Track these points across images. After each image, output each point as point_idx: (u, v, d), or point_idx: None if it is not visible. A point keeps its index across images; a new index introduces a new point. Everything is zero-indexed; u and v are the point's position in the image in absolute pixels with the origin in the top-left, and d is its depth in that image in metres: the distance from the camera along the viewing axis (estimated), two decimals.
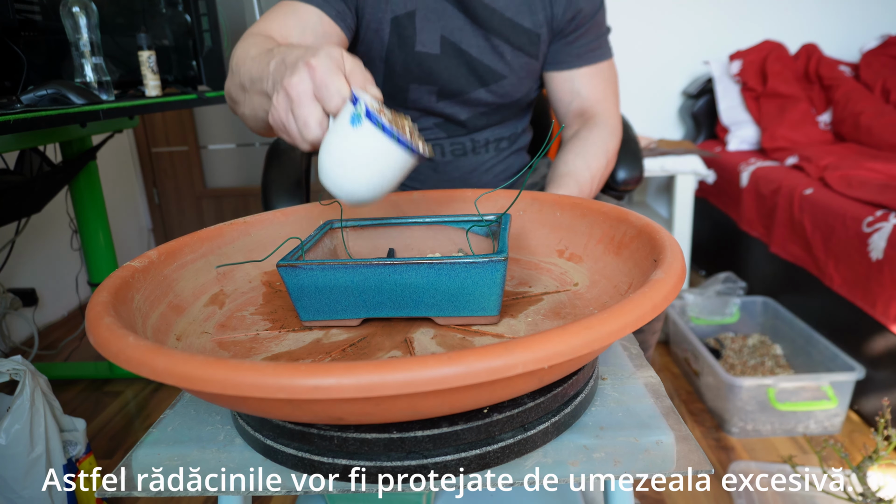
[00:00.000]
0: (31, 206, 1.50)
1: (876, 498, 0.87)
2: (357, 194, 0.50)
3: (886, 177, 1.60)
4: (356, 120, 0.48)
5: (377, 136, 0.48)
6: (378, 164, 0.49)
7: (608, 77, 0.95)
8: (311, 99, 0.49)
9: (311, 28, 0.79)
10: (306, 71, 0.49)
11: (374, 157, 0.49)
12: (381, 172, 0.49)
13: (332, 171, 0.50)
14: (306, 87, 0.49)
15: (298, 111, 0.49)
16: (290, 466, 0.42)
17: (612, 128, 0.92)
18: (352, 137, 0.48)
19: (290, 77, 0.50)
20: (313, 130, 0.49)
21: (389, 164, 0.49)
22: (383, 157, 0.49)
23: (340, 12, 0.81)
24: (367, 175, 0.49)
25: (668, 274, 0.40)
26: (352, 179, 0.49)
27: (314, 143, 0.50)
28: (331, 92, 0.49)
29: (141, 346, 0.35)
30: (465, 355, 0.31)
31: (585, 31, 0.92)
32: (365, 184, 0.50)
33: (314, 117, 0.49)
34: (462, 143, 0.98)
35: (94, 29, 1.18)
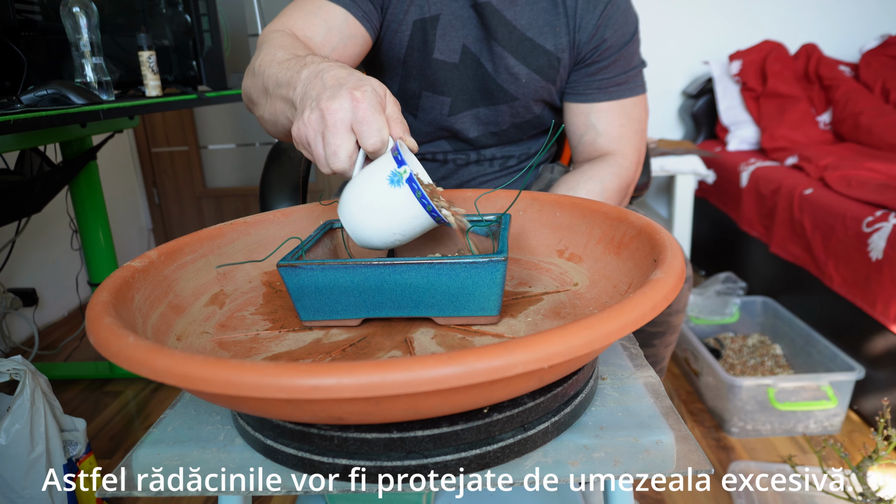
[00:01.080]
0: (31, 206, 1.50)
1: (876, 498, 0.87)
2: (372, 243, 0.52)
3: (886, 177, 1.60)
4: (396, 181, 0.49)
5: (412, 204, 0.50)
6: (404, 225, 0.51)
7: (631, 115, 0.88)
8: (347, 130, 0.49)
9: (337, 28, 0.77)
10: (349, 101, 0.49)
11: (404, 218, 0.51)
12: (402, 232, 0.52)
13: (358, 216, 0.51)
14: (345, 115, 0.49)
15: (332, 138, 0.49)
16: (290, 466, 0.42)
17: (620, 167, 0.85)
18: (387, 195, 0.49)
19: (331, 101, 0.49)
20: (342, 161, 0.49)
21: (413, 227, 0.52)
22: (412, 221, 0.51)
23: (367, 13, 0.79)
24: (390, 231, 0.51)
25: (668, 274, 0.41)
26: (374, 230, 0.51)
27: (340, 172, 0.50)
28: (371, 130, 0.49)
29: (141, 346, 0.35)
30: (465, 355, 0.31)
31: (610, 64, 0.86)
32: (384, 237, 0.52)
33: (346, 149, 0.49)
34: (467, 155, 0.96)
35: (95, 29, 1.18)
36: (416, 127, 0.93)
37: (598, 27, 0.84)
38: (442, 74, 0.87)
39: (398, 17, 0.83)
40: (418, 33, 0.84)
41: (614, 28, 0.84)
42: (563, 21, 0.84)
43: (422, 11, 0.83)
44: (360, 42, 0.80)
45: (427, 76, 0.87)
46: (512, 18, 0.83)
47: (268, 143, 2.76)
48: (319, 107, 0.50)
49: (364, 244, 0.53)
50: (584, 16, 0.84)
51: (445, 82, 0.88)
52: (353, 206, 0.51)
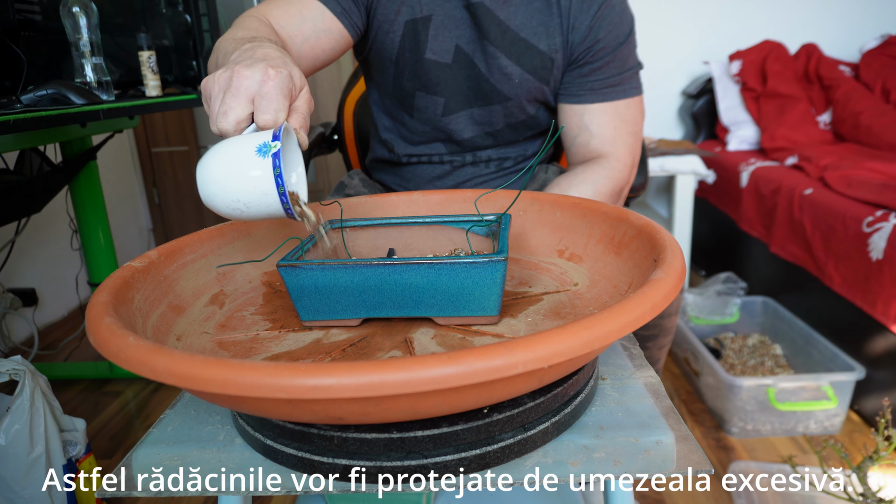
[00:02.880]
0: (31, 206, 1.50)
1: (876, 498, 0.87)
2: (214, 202, 0.51)
3: (886, 177, 1.60)
4: (263, 152, 0.48)
5: (267, 180, 0.48)
6: (250, 198, 0.49)
7: (626, 117, 0.87)
8: (248, 99, 0.50)
9: (311, 20, 0.78)
10: (262, 73, 0.49)
11: (253, 190, 0.49)
12: (246, 203, 0.50)
13: (213, 169, 0.49)
14: (251, 84, 0.49)
15: (230, 99, 0.49)
16: (290, 466, 0.42)
17: (613, 170, 0.84)
18: (248, 160, 0.48)
19: (245, 68, 0.50)
20: (230, 123, 0.49)
21: (259, 205, 0.50)
22: (260, 197, 0.49)
23: (346, 10, 0.80)
24: (234, 197, 0.49)
25: (668, 274, 0.40)
26: (221, 189, 0.49)
27: (222, 133, 0.50)
28: (269, 107, 0.49)
29: (141, 346, 0.35)
30: (465, 355, 0.31)
31: (604, 65, 0.85)
32: (227, 201, 0.50)
33: (237, 113, 0.49)
34: (462, 157, 0.96)
35: (94, 29, 1.18)
36: (412, 126, 0.93)
37: (592, 28, 0.83)
38: (435, 74, 0.87)
39: (389, 17, 0.83)
40: (409, 34, 0.84)
41: (608, 29, 0.84)
42: (557, 21, 0.84)
43: (413, 12, 0.83)
44: (335, 37, 0.80)
45: (420, 76, 0.87)
46: (505, 19, 0.83)
47: None
48: (233, 69, 0.50)
49: (207, 200, 0.51)
50: (578, 16, 0.83)
51: (438, 82, 0.88)
52: (213, 158, 0.50)
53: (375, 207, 0.72)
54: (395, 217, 0.64)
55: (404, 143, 0.96)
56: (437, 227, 0.63)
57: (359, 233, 0.64)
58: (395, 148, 0.97)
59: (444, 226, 0.63)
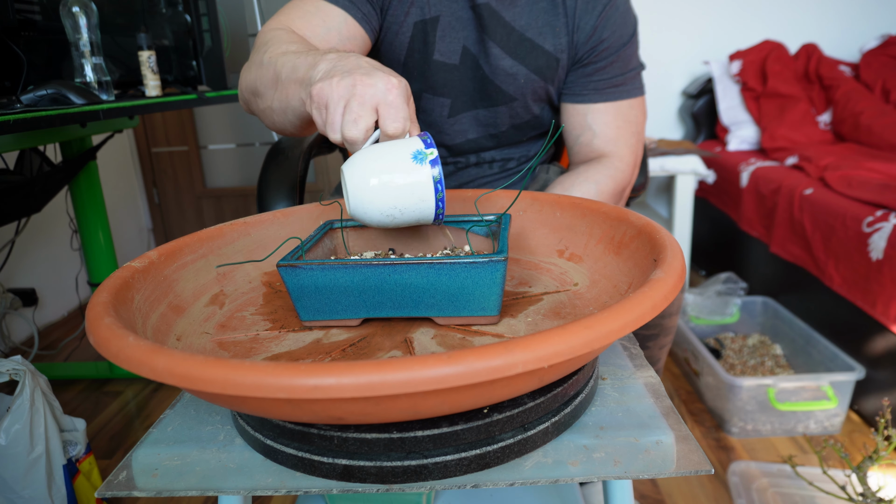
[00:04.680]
0: (31, 206, 1.50)
1: (876, 498, 0.87)
2: (367, 211, 0.51)
3: (886, 177, 1.60)
4: (420, 159, 0.49)
5: (427, 185, 0.49)
6: (407, 204, 0.50)
7: (628, 117, 0.88)
8: (373, 107, 0.50)
9: (336, 29, 0.77)
10: (384, 82, 0.50)
11: (412, 197, 0.49)
12: (401, 211, 0.50)
13: (368, 177, 0.49)
14: (376, 93, 0.49)
15: (357, 107, 0.49)
16: (290, 466, 0.41)
17: (615, 170, 0.85)
18: (406, 167, 0.49)
19: (366, 77, 0.50)
20: (359, 131, 0.49)
21: (413, 212, 0.51)
22: (417, 203, 0.50)
23: (366, 14, 0.79)
24: (391, 205, 0.50)
25: (668, 273, 0.40)
26: (377, 197, 0.50)
27: (350, 141, 0.50)
28: (398, 116, 0.50)
29: (141, 346, 0.35)
30: (465, 355, 0.31)
31: (608, 65, 0.85)
32: (381, 209, 0.50)
33: (366, 121, 0.50)
34: (466, 157, 0.96)
35: (94, 29, 1.18)
36: None
37: (597, 28, 0.84)
38: (442, 76, 0.87)
39: (398, 18, 0.83)
40: (419, 35, 0.84)
41: (612, 29, 0.84)
42: (563, 21, 0.84)
43: (422, 13, 0.83)
44: (359, 44, 0.79)
45: (427, 77, 0.87)
46: (511, 19, 0.83)
47: (267, 143, 2.76)
48: (353, 77, 0.50)
49: (357, 210, 0.51)
50: (583, 16, 0.83)
51: (445, 83, 0.87)
52: (368, 166, 0.49)
53: None
54: None
55: None
56: (437, 227, 0.63)
57: (359, 232, 0.64)
58: None
59: (444, 226, 0.63)
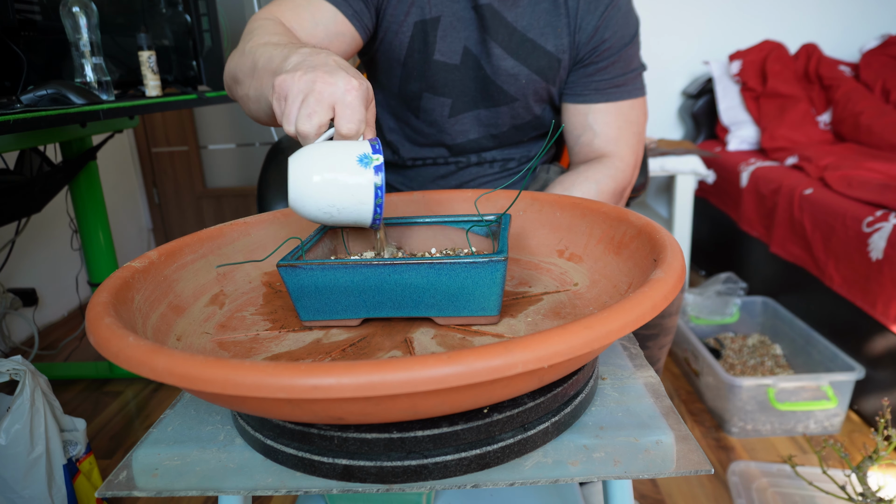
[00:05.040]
0: (31, 206, 1.50)
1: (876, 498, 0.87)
2: (305, 205, 0.51)
3: (886, 177, 1.60)
4: (365, 163, 0.49)
5: (367, 190, 0.49)
6: (345, 204, 0.50)
7: (629, 118, 0.88)
8: (330, 105, 0.50)
9: (324, 24, 0.77)
10: (345, 83, 0.50)
11: (351, 198, 0.50)
12: (339, 210, 0.51)
13: (311, 172, 0.50)
14: (335, 92, 0.50)
15: (313, 103, 0.50)
16: (290, 466, 0.42)
17: (616, 170, 0.85)
18: (350, 169, 0.49)
19: (328, 75, 0.50)
20: (312, 126, 0.50)
21: (350, 213, 0.51)
22: (356, 206, 0.50)
23: (357, 12, 0.79)
24: (329, 203, 0.50)
25: (668, 273, 0.40)
26: (317, 193, 0.50)
27: (302, 135, 0.51)
28: (353, 117, 0.50)
29: (141, 346, 0.35)
30: (465, 355, 0.31)
31: (609, 65, 0.85)
32: (319, 205, 0.50)
33: (320, 118, 0.50)
34: (467, 157, 0.96)
35: (94, 29, 1.18)
36: (418, 128, 0.93)
37: (598, 28, 0.83)
38: (442, 76, 0.87)
39: (398, 18, 0.83)
40: (419, 35, 0.84)
41: (614, 29, 0.84)
42: (565, 22, 0.84)
43: (422, 13, 0.83)
44: (347, 41, 0.80)
45: (427, 77, 0.87)
46: (513, 20, 0.83)
47: (267, 143, 2.76)
48: (315, 73, 0.50)
49: (296, 202, 0.51)
50: (585, 17, 0.83)
51: (446, 84, 0.87)
52: (311, 162, 0.50)
53: None
54: (395, 217, 0.64)
55: (409, 145, 0.96)
56: (437, 227, 0.63)
57: (359, 233, 0.64)
58: (400, 150, 0.97)
59: (444, 226, 0.63)
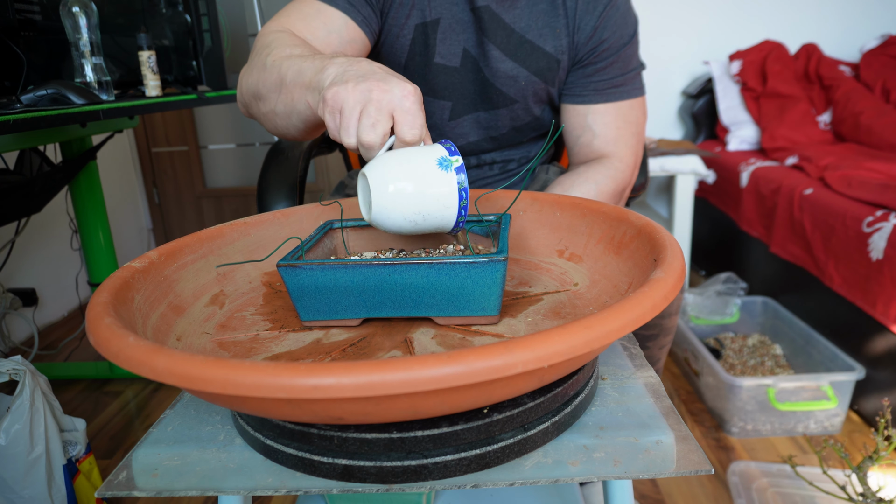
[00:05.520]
0: (31, 206, 1.50)
1: (876, 498, 0.87)
2: (389, 216, 0.50)
3: (886, 177, 1.60)
4: (445, 166, 0.49)
5: (451, 193, 0.49)
6: (430, 210, 0.49)
7: (629, 118, 0.88)
8: (389, 112, 0.50)
9: (337, 31, 0.76)
10: (401, 89, 0.49)
11: (435, 203, 0.49)
12: (423, 217, 0.50)
13: (393, 181, 0.48)
14: (393, 99, 0.49)
15: (374, 112, 0.49)
16: (290, 466, 0.41)
17: (615, 170, 0.85)
18: (431, 173, 0.49)
19: (382, 83, 0.49)
20: (377, 136, 0.49)
21: (434, 219, 0.50)
22: (440, 211, 0.49)
23: (366, 17, 0.79)
24: (414, 210, 0.49)
25: (668, 273, 0.40)
26: (401, 202, 0.49)
27: (367, 146, 0.50)
28: (415, 123, 0.50)
29: (141, 346, 0.35)
30: (465, 355, 0.31)
31: (608, 66, 0.85)
32: (404, 214, 0.49)
33: (383, 127, 0.49)
34: (467, 159, 0.95)
35: (94, 29, 1.18)
36: None
37: (597, 28, 0.83)
38: (442, 79, 0.86)
39: (399, 21, 0.83)
40: (419, 37, 0.84)
41: (613, 29, 0.84)
42: (563, 22, 0.84)
43: (423, 16, 0.83)
44: (359, 46, 0.79)
45: (428, 80, 0.87)
46: (511, 21, 0.83)
47: (268, 143, 2.76)
48: (368, 82, 0.49)
49: (380, 214, 0.50)
50: (584, 17, 0.83)
51: (446, 86, 0.87)
52: (393, 172, 0.49)
53: None
54: None
55: None
56: None
57: (359, 233, 0.64)
58: None
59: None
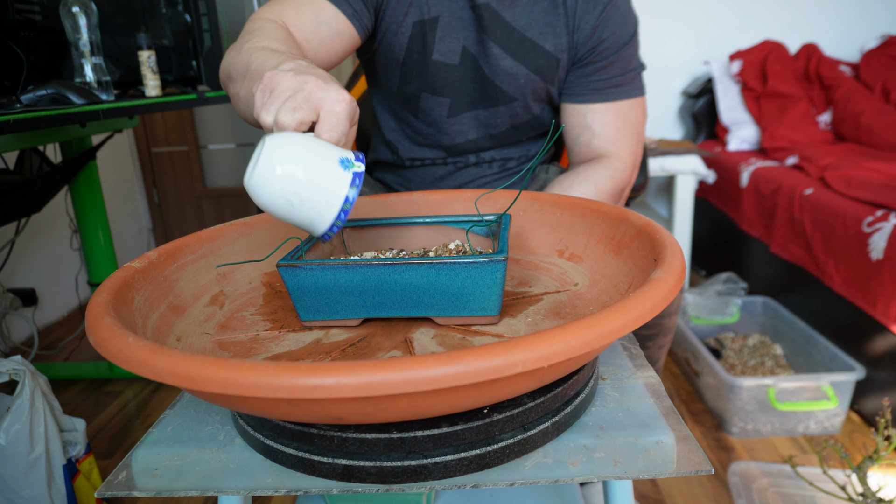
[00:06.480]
0: (31, 206, 1.50)
1: (876, 498, 0.87)
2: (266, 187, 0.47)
3: (886, 177, 1.60)
4: (346, 166, 0.48)
5: (339, 193, 0.47)
6: (311, 200, 0.47)
7: (628, 118, 0.87)
8: (316, 108, 0.49)
9: (327, 23, 0.78)
10: (337, 93, 0.49)
11: (319, 196, 0.47)
12: (300, 202, 0.47)
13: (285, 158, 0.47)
14: (324, 98, 0.49)
15: (301, 100, 0.49)
16: (290, 466, 0.41)
17: (615, 170, 0.85)
18: (328, 166, 0.47)
19: (320, 82, 0.49)
20: (293, 120, 0.49)
21: (311, 209, 0.48)
22: (321, 205, 0.47)
23: (358, 11, 0.80)
24: (294, 191, 0.47)
25: (668, 273, 0.40)
26: (286, 179, 0.47)
27: (280, 126, 0.49)
28: (338, 127, 0.49)
29: (141, 346, 0.35)
30: (465, 355, 0.31)
31: (608, 65, 0.85)
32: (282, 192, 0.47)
33: (304, 115, 0.49)
34: (466, 157, 0.96)
35: (94, 29, 1.18)
36: (417, 127, 0.93)
37: (597, 28, 0.84)
38: (441, 76, 0.87)
39: (397, 18, 0.83)
40: (418, 35, 0.84)
41: (613, 29, 0.84)
42: (563, 21, 0.84)
43: (421, 13, 0.83)
44: (347, 40, 0.80)
45: (426, 78, 0.87)
46: (511, 20, 0.83)
47: None
48: (309, 77, 0.50)
49: (259, 180, 0.47)
50: (584, 16, 0.84)
51: (445, 84, 0.87)
52: (293, 144, 0.47)
53: (375, 208, 0.72)
54: (395, 217, 0.64)
55: (408, 145, 0.96)
56: (437, 227, 0.63)
57: (359, 233, 0.64)
58: (399, 150, 0.97)
59: (444, 226, 0.63)
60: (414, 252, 0.63)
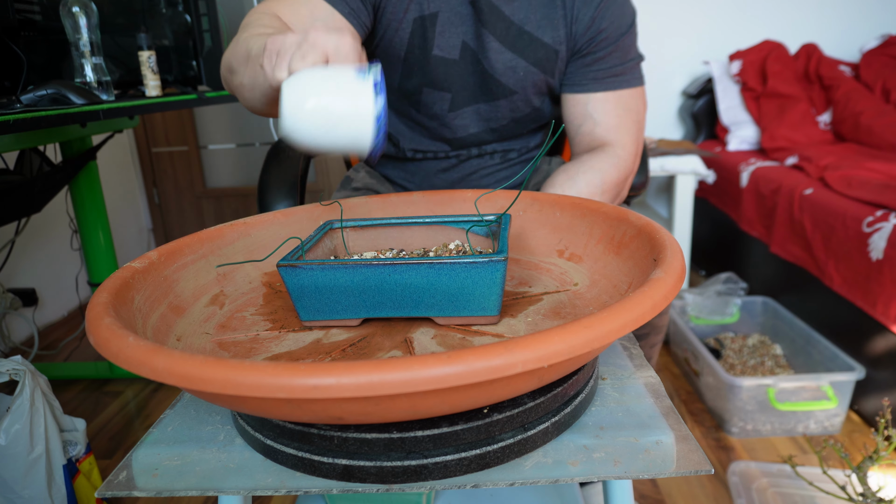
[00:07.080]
0: (31, 206, 1.50)
1: (876, 498, 0.87)
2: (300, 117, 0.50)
3: (886, 177, 1.60)
4: (363, 74, 0.50)
5: (367, 97, 0.49)
6: (344, 112, 0.50)
7: (629, 106, 0.88)
8: (323, 52, 0.52)
9: (322, 20, 0.78)
10: (337, 37, 0.52)
11: (349, 106, 0.49)
12: (337, 119, 0.50)
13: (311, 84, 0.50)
14: (327, 42, 0.52)
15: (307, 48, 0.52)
16: (290, 466, 0.42)
17: (618, 158, 0.85)
18: (349, 79, 0.50)
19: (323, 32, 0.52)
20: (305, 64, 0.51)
21: (348, 123, 0.50)
22: (354, 113, 0.50)
23: (354, 10, 0.80)
24: (327, 111, 0.50)
25: (668, 273, 0.40)
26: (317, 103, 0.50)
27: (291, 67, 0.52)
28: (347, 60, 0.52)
29: (141, 346, 0.35)
30: (465, 354, 0.31)
31: (607, 55, 0.86)
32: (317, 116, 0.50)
33: (314, 58, 0.51)
34: (468, 150, 0.96)
35: (94, 29, 1.18)
36: (419, 121, 0.94)
37: (595, 18, 0.85)
38: (442, 71, 0.87)
39: (398, 15, 0.84)
40: (418, 31, 0.85)
41: (611, 19, 0.85)
42: (561, 13, 0.85)
43: (421, 9, 0.84)
44: None
45: (427, 73, 0.88)
46: (510, 13, 0.84)
47: (268, 143, 2.76)
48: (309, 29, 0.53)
49: (291, 124, 0.50)
50: (581, 7, 0.85)
51: (446, 79, 0.88)
52: (309, 77, 0.50)
53: (375, 208, 0.72)
54: (395, 217, 0.64)
55: (410, 138, 0.97)
56: (437, 227, 0.63)
57: (359, 233, 0.64)
58: (401, 143, 0.98)
59: (444, 226, 0.63)
60: (414, 252, 0.63)
